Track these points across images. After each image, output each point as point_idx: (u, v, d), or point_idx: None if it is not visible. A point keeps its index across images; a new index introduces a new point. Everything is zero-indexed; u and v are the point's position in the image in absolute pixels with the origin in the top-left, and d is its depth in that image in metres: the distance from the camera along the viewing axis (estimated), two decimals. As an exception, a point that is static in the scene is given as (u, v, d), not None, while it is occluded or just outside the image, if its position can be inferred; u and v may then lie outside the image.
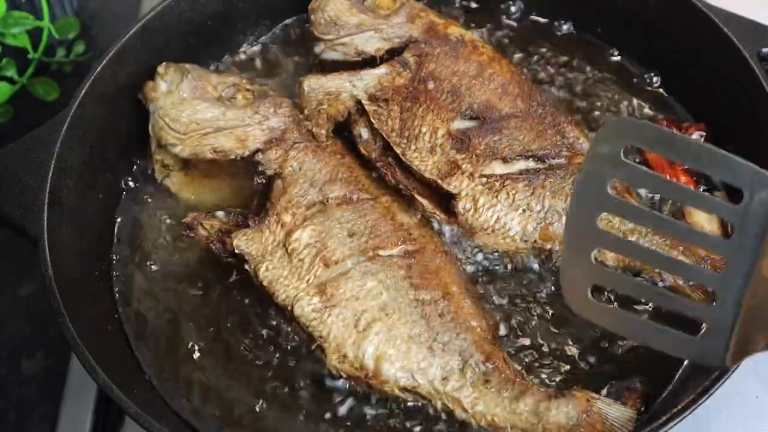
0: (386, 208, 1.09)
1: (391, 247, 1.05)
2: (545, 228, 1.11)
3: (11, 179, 1.09)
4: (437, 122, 1.15)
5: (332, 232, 1.05)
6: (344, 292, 1.01)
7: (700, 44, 1.22)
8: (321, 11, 1.24)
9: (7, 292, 1.32)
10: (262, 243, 1.06)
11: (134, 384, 1.03)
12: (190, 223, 1.10)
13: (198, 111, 1.16)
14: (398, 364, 0.98)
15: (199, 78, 1.20)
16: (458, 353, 0.98)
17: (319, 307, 1.01)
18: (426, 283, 1.02)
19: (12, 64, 1.43)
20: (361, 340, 0.99)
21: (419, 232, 1.08)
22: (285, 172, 1.12)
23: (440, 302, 1.01)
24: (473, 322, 1.00)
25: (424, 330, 0.99)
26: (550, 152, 1.14)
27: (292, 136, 1.15)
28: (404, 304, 1.01)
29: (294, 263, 1.04)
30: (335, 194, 1.09)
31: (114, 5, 1.65)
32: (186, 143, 1.15)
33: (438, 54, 1.20)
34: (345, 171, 1.12)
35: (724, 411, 1.15)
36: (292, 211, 1.08)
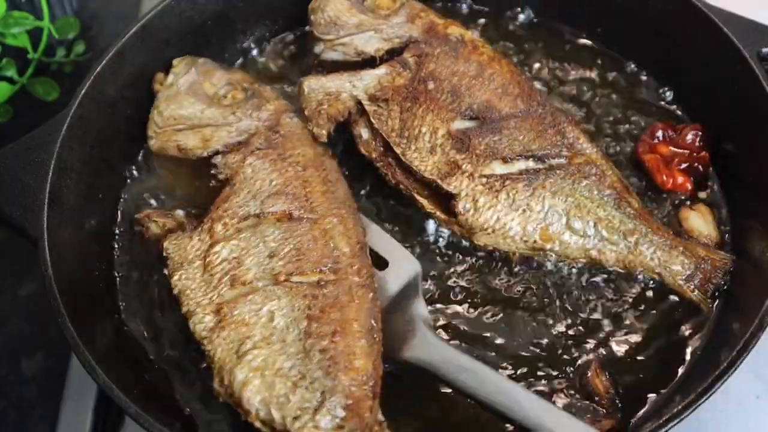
0: (324, 231, 1.04)
1: (308, 275, 1.01)
2: (545, 228, 1.10)
3: (11, 179, 1.09)
4: (437, 122, 1.15)
5: (254, 251, 1.03)
6: (238, 314, 0.99)
7: (700, 44, 1.22)
8: (321, 11, 1.24)
9: (7, 292, 1.32)
10: (187, 250, 1.05)
11: (134, 384, 1.03)
12: (141, 219, 1.10)
13: (182, 106, 1.17)
14: (260, 396, 0.94)
15: (204, 73, 1.20)
16: (320, 393, 0.93)
17: (210, 326, 0.99)
18: (324, 316, 0.98)
19: (12, 64, 1.42)
20: (235, 366, 0.96)
21: (348, 263, 1.03)
22: (236, 178, 1.09)
23: (328, 338, 0.96)
24: (356, 363, 0.95)
25: (298, 364, 0.95)
26: (550, 152, 1.14)
27: (257, 141, 1.12)
28: (291, 336, 0.97)
29: (205, 278, 1.02)
30: (275, 208, 1.06)
31: (114, 5, 1.66)
32: (159, 137, 1.16)
33: (438, 54, 1.20)
34: (297, 185, 1.08)
35: (724, 411, 1.15)
36: (225, 221, 1.05)
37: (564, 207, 1.11)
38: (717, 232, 1.15)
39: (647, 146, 1.22)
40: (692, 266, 1.09)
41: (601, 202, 1.12)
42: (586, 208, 1.11)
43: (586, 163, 1.14)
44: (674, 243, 1.10)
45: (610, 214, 1.11)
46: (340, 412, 0.92)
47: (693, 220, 1.16)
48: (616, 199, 1.12)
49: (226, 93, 1.18)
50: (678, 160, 1.19)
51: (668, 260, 1.09)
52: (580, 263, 1.12)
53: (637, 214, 1.12)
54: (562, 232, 1.10)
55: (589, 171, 1.13)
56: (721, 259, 1.10)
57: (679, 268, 1.09)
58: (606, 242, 1.10)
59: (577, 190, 1.12)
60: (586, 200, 1.12)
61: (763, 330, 0.97)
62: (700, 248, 1.11)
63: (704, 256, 1.09)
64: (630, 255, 1.10)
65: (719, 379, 0.94)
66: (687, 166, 1.19)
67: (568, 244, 1.10)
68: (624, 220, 1.11)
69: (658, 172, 1.19)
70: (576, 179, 1.12)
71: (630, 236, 1.10)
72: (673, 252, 1.09)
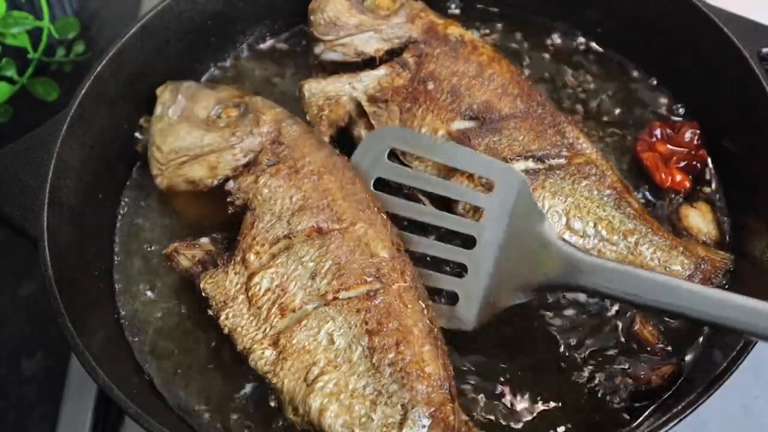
0: (358, 238, 1.03)
1: (354, 287, 0.99)
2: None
3: (11, 179, 1.09)
4: (437, 123, 1.15)
5: (294, 275, 1.01)
6: (297, 342, 0.98)
7: (700, 44, 1.22)
8: (321, 12, 1.24)
9: (7, 292, 1.32)
10: (226, 287, 1.03)
11: (134, 384, 1.03)
12: (170, 254, 1.08)
13: (179, 137, 1.13)
14: (340, 420, 0.94)
15: (191, 98, 1.17)
16: (401, 405, 0.93)
17: (272, 360, 0.98)
18: (383, 328, 0.97)
19: (12, 64, 1.42)
20: (307, 395, 0.95)
21: (390, 267, 1.01)
22: (255, 202, 1.07)
23: (393, 349, 0.96)
24: (427, 369, 0.95)
25: (371, 381, 0.95)
26: (549, 152, 1.14)
27: (265, 158, 1.09)
28: (355, 354, 0.96)
29: (252, 311, 1.01)
30: (303, 225, 1.03)
31: (114, 5, 1.66)
32: (165, 174, 1.14)
33: (437, 54, 1.19)
34: (318, 197, 1.05)
35: (724, 411, 1.15)
36: (256, 249, 1.03)
37: (564, 207, 1.11)
38: (716, 231, 1.15)
39: (646, 145, 1.22)
40: (692, 266, 1.09)
41: (600, 202, 1.12)
42: (586, 208, 1.11)
43: (585, 163, 1.14)
44: (674, 243, 1.10)
45: (610, 215, 1.11)
46: (426, 421, 0.93)
47: (693, 218, 1.16)
48: (616, 200, 1.12)
49: (218, 113, 1.15)
50: (676, 159, 1.19)
51: (668, 260, 1.09)
52: None
53: (637, 214, 1.12)
54: (562, 232, 1.10)
55: (589, 171, 1.13)
56: (721, 259, 1.10)
57: (679, 269, 1.09)
58: (606, 242, 1.10)
59: (577, 191, 1.12)
60: (586, 200, 1.12)
61: (763, 330, 0.97)
62: (700, 248, 1.11)
63: (704, 256, 1.09)
64: (630, 255, 1.10)
65: (719, 379, 0.94)
66: (685, 165, 1.19)
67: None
68: (624, 220, 1.11)
69: (657, 171, 1.19)
70: (576, 179, 1.12)
71: (630, 236, 1.10)
72: (673, 252, 1.09)
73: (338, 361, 0.96)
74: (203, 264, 1.07)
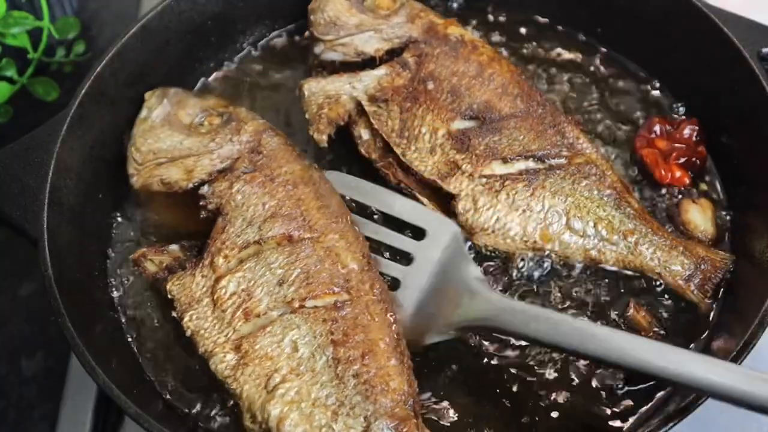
0: (328, 249, 1.02)
1: (322, 296, 0.99)
2: (545, 228, 1.10)
3: (11, 179, 1.09)
4: (437, 122, 1.15)
5: (261, 280, 1.01)
6: (259, 348, 0.97)
7: (700, 44, 1.22)
8: (321, 11, 1.24)
9: (7, 292, 1.32)
10: (192, 289, 1.02)
11: (134, 384, 1.03)
12: (137, 259, 1.08)
13: (159, 139, 1.14)
14: (300, 429, 0.92)
15: (177, 104, 1.17)
16: (363, 417, 0.92)
17: (233, 365, 0.97)
18: (349, 339, 0.96)
19: (12, 64, 1.42)
20: (267, 401, 0.94)
21: (359, 279, 1.01)
22: (227, 207, 1.06)
23: (358, 361, 0.95)
24: (392, 384, 0.94)
25: (334, 392, 0.94)
26: (549, 152, 1.14)
27: (241, 165, 1.09)
28: (319, 364, 0.95)
29: (217, 314, 1.00)
30: (273, 232, 1.03)
31: (114, 5, 1.66)
32: (141, 174, 1.13)
33: (438, 54, 1.19)
34: (291, 205, 1.05)
35: (724, 411, 1.14)
36: (225, 253, 1.03)
37: (564, 207, 1.11)
38: (714, 229, 1.15)
39: (645, 141, 1.22)
40: (692, 266, 1.09)
41: (600, 202, 1.12)
42: (586, 208, 1.11)
43: (585, 163, 1.14)
44: (674, 243, 1.10)
45: (610, 214, 1.11)
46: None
47: (692, 213, 1.16)
48: (616, 200, 1.12)
49: (201, 120, 1.15)
50: (676, 155, 1.19)
51: (668, 260, 1.09)
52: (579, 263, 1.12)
53: (637, 214, 1.12)
54: (562, 232, 1.10)
55: (589, 171, 1.13)
56: (721, 259, 1.10)
57: (679, 268, 1.09)
58: (606, 242, 1.10)
59: (577, 190, 1.12)
60: (586, 200, 1.12)
61: (763, 330, 0.97)
62: (700, 248, 1.10)
63: (704, 256, 1.09)
64: (630, 255, 1.10)
65: (719, 379, 0.94)
66: (685, 161, 1.19)
67: (568, 244, 1.10)
68: (624, 220, 1.11)
69: (656, 167, 1.19)
70: (576, 179, 1.12)
71: (630, 236, 1.10)
72: (673, 252, 1.09)
73: (301, 369, 0.95)
74: (170, 270, 1.06)
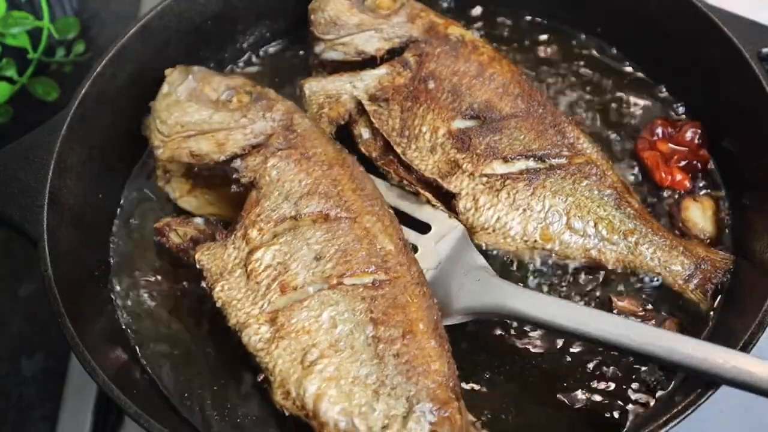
0: (366, 229, 1.01)
1: (359, 275, 0.97)
2: (545, 228, 1.11)
3: (11, 179, 1.09)
4: (438, 122, 1.15)
5: (298, 254, 0.99)
6: (296, 322, 0.95)
7: (700, 44, 1.22)
8: (321, 11, 1.24)
9: (7, 292, 1.32)
10: (224, 260, 1.01)
11: (134, 384, 1.03)
12: (161, 228, 1.06)
13: (187, 113, 1.13)
14: (338, 407, 0.90)
15: (201, 80, 1.16)
16: (405, 398, 0.90)
17: (267, 338, 0.95)
18: (388, 318, 0.95)
19: (12, 64, 1.43)
20: (304, 377, 0.92)
21: (396, 261, 1.00)
22: (261, 182, 1.05)
23: (399, 341, 0.93)
24: (433, 366, 0.93)
25: (374, 371, 0.92)
26: (550, 152, 1.14)
27: (276, 141, 1.08)
28: (359, 341, 0.93)
29: (250, 285, 0.98)
30: (311, 209, 1.02)
31: (114, 5, 1.66)
32: (168, 145, 1.12)
33: (438, 54, 1.19)
34: (328, 184, 1.04)
35: (724, 411, 1.15)
36: (259, 226, 1.01)
37: (564, 207, 1.11)
38: (713, 228, 1.15)
39: (646, 143, 1.22)
40: (692, 266, 1.09)
41: (601, 202, 1.12)
42: (587, 207, 1.11)
43: (586, 163, 1.14)
44: (674, 243, 1.10)
45: (611, 214, 1.11)
46: (431, 417, 0.90)
47: (693, 211, 1.16)
48: (617, 199, 1.12)
49: (228, 97, 1.14)
50: (677, 158, 1.19)
51: (668, 260, 1.09)
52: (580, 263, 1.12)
53: (638, 214, 1.12)
54: (562, 231, 1.10)
55: (590, 171, 1.13)
56: (721, 259, 1.10)
57: (679, 269, 1.09)
58: (606, 242, 1.10)
59: (578, 190, 1.12)
60: (587, 200, 1.12)
61: (763, 330, 0.97)
62: (700, 248, 1.10)
63: (704, 256, 1.09)
64: (630, 255, 1.10)
65: (719, 379, 0.94)
66: (686, 164, 1.19)
67: (568, 243, 1.10)
68: (624, 220, 1.11)
69: (657, 169, 1.19)
70: (576, 179, 1.12)
71: (630, 236, 1.10)
72: (673, 252, 1.09)
73: (340, 345, 0.93)
74: (195, 242, 1.05)
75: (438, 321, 0.98)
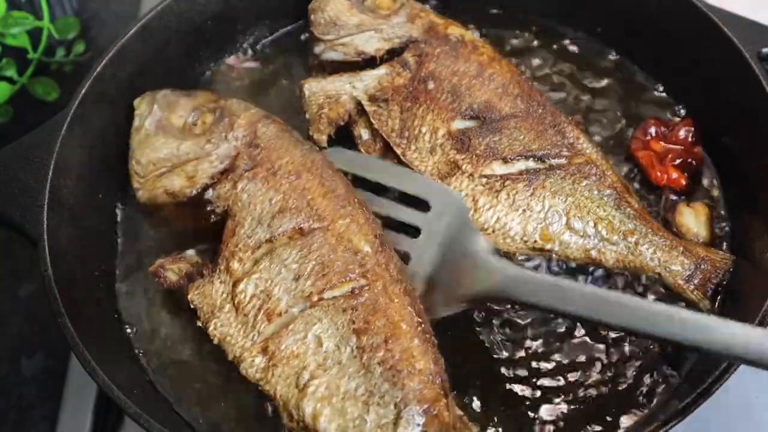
0: (339, 236, 1.02)
1: (339, 286, 0.99)
2: (545, 228, 1.10)
3: (11, 179, 1.09)
4: (437, 122, 1.15)
5: (277, 278, 1.00)
6: (285, 348, 0.97)
7: (700, 44, 1.22)
8: (321, 11, 1.24)
9: (7, 292, 1.32)
10: (212, 296, 1.02)
11: (134, 384, 1.03)
12: (155, 271, 1.07)
13: (156, 149, 1.13)
14: (334, 424, 0.93)
15: (167, 108, 1.16)
16: (393, 405, 0.92)
17: (262, 368, 0.98)
18: (370, 326, 0.96)
19: (12, 64, 1.43)
20: (300, 400, 0.95)
21: (374, 261, 1.00)
22: (234, 208, 1.06)
23: (382, 347, 0.95)
24: (418, 365, 0.94)
25: (362, 382, 0.94)
26: (550, 152, 1.14)
27: (242, 162, 1.08)
28: (344, 355, 0.95)
29: (240, 319, 1.00)
30: (284, 227, 1.02)
31: (114, 5, 1.66)
32: (145, 187, 1.13)
33: (438, 54, 1.20)
34: (297, 197, 1.04)
35: (725, 411, 1.15)
36: (239, 256, 1.03)
37: (564, 207, 1.11)
38: (707, 232, 1.15)
39: (640, 143, 1.22)
40: (692, 266, 1.09)
41: (601, 202, 1.12)
42: (586, 208, 1.11)
43: (586, 163, 1.14)
44: (674, 243, 1.10)
45: (610, 215, 1.11)
46: (419, 419, 0.91)
47: (686, 217, 1.15)
48: (616, 200, 1.12)
49: (194, 120, 1.14)
50: (671, 156, 1.19)
51: (668, 260, 1.09)
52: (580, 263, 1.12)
53: (637, 214, 1.12)
54: (562, 232, 1.10)
55: (589, 171, 1.13)
56: (721, 259, 1.09)
57: (679, 269, 1.09)
58: (606, 242, 1.10)
59: (577, 190, 1.12)
60: (586, 200, 1.12)
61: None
62: (700, 248, 1.10)
63: (704, 256, 1.09)
64: (630, 255, 1.10)
65: (719, 379, 0.94)
66: (681, 162, 1.19)
67: (568, 244, 1.10)
68: (624, 220, 1.11)
69: (652, 169, 1.19)
70: (576, 179, 1.12)
71: (630, 236, 1.10)
72: (673, 252, 1.09)
73: (328, 363, 0.96)
74: (189, 277, 1.06)
75: (421, 314, 0.99)
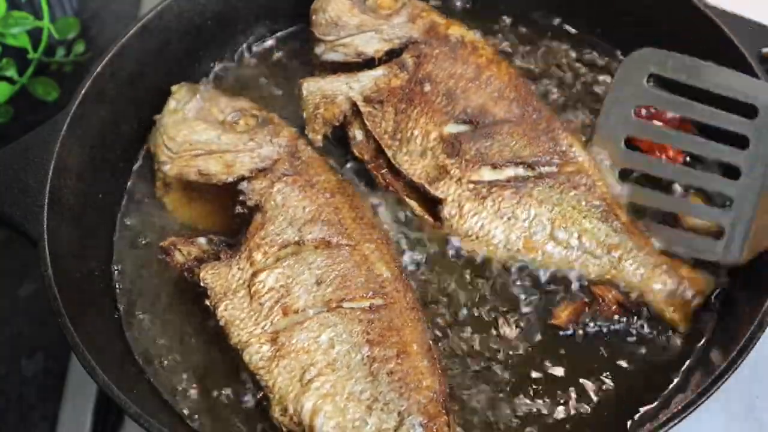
0: (364, 256, 1.05)
1: (358, 300, 1.01)
2: (528, 238, 1.10)
3: (11, 179, 1.09)
4: (430, 125, 1.14)
5: (300, 278, 1.02)
6: (296, 342, 0.98)
7: (700, 44, 1.21)
8: (322, 12, 1.24)
9: (7, 292, 1.32)
10: (228, 280, 1.04)
11: (134, 384, 1.03)
12: (166, 247, 1.08)
13: (195, 132, 1.15)
14: (333, 422, 0.94)
15: (209, 99, 1.19)
16: (397, 413, 0.94)
17: (268, 356, 0.98)
18: (384, 340, 0.99)
19: (12, 64, 1.43)
20: (301, 394, 0.96)
21: (393, 287, 1.04)
22: (267, 205, 1.08)
23: (393, 360, 0.97)
24: (425, 382, 0.97)
25: (368, 387, 0.96)
26: (540, 159, 1.13)
27: (282, 167, 1.12)
28: (354, 361, 0.97)
29: (253, 306, 1.02)
30: (313, 235, 1.06)
31: (114, 5, 1.66)
32: (176, 162, 1.14)
33: (436, 55, 1.19)
34: (330, 212, 1.08)
35: (724, 411, 1.15)
36: (264, 249, 1.05)
37: (549, 216, 1.10)
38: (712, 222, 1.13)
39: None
40: (673, 285, 1.07)
41: (588, 213, 1.10)
42: (572, 218, 1.10)
43: (576, 172, 1.12)
44: (659, 261, 1.08)
45: (596, 227, 1.10)
46: (420, 430, 0.93)
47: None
48: (604, 212, 1.10)
49: (235, 119, 1.17)
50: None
51: (651, 278, 1.07)
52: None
53: (625, 228, 1.10)
54: (546, 242, 1.09)
55: (579, 181, 1.12)
56: (704, 281, 1.07)
57: (661, 287, 1.07)
58: (589, 255, 1.09)
59: (565, 200, 1.11)
60: (573, 211, 1.10)
61: (763, 330, 0.97)
62: (684, 269, 1.08)
63: (687, 276, 1.07)
64: (613, 270, 1.08)
65: (719, 379, 0.94)
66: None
67: (551, 254, 1.09)
68: (610, 233, 1.09)
69: (651, 150, 1.18)
70: (564, 189, 1.11)
71: (614, 251, 1.08)
72: (657, 270, 1.07)
73: (337, 365, 0.97)
74: (198, 261, 1.07)
75: (431, 347, 1.02)
